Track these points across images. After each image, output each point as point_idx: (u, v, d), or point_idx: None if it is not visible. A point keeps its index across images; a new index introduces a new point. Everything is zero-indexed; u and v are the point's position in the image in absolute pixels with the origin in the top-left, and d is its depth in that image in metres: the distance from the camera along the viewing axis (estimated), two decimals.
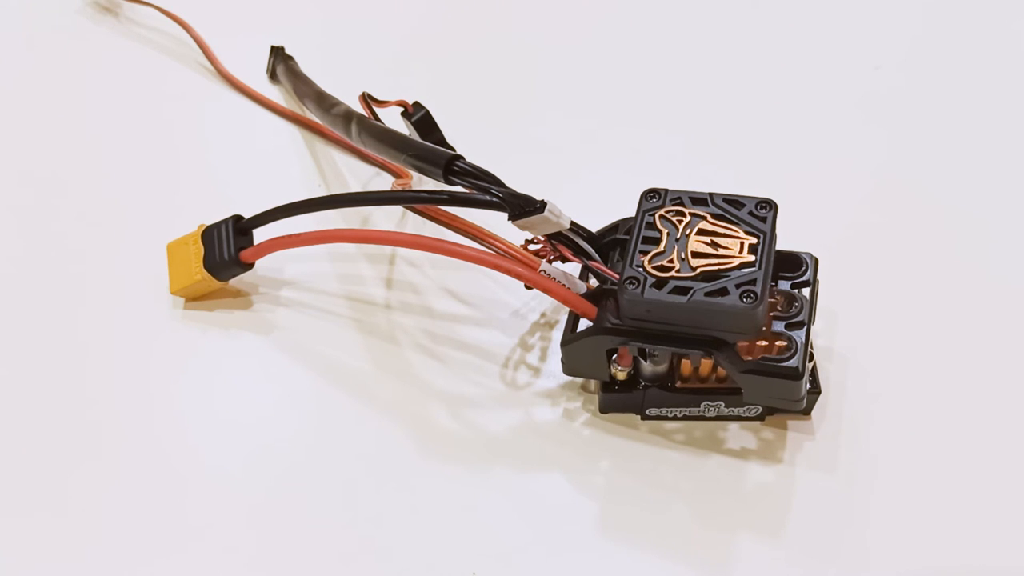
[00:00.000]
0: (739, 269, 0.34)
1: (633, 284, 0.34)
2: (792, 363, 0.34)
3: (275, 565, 0.35)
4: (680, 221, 0.36)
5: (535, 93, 0.54)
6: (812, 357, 0.37)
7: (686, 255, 0.35)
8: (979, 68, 0.54)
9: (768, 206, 0.36)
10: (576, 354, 0.37)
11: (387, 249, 0.45)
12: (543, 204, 0.36)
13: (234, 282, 0.43)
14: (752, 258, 0.34)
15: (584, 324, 0.37)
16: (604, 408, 0.38)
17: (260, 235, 0.42)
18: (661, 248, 0.35)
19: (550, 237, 0.38)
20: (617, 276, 0.36)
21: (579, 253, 0.38)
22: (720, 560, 0.34)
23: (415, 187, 0.44)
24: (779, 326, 0.35)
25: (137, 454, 0.38)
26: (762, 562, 0.34)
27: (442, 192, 0.39)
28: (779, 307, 0.36)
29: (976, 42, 0.55)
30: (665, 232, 0.36)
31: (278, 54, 0.54)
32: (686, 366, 0.37)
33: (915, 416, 0.38)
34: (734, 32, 0.57)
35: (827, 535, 0.35)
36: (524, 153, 0.49)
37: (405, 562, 0.35)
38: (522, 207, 0.36)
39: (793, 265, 0.38)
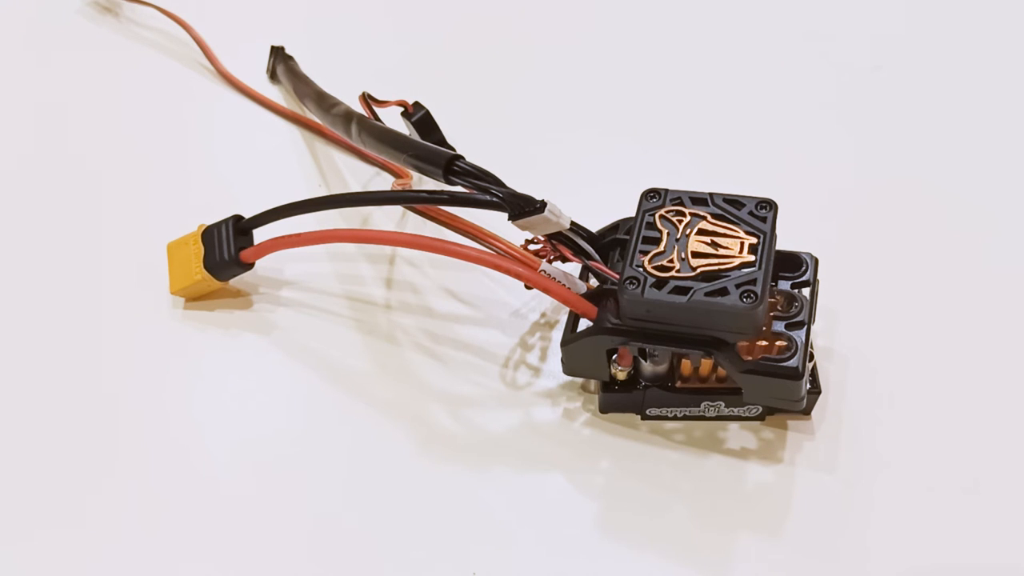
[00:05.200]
0: (739, 269, 0.34)
1: (633, 284, 0.34)
2: (792, 363, 0.34)
3: (275, 564, 0.35)
4: (680, 221, 0.36)
5: (535, 92, 0.54)
6: (812, 357, 0.37)
7: (686, 255, 0.35)
8: (979, 68, 0.54)
9: (768, 206, 0.36)
10: (576, 354, 0.37)
11: (387, 249, 0.45)
12: (543, 204, 0.36)
13: (234, 282, 0.43)
14: (752, 258, 0.35)
15: (584, 324, 0.37)
16: (604, 408, 0.38)
17: (260, 235, 0.42)
18: (661, 248, 0.35)
19: (550, 237, 0.38)
20: (617, 276, 0.36)
21: (579, 253, 0.38)
22: (720, 560, 0.34)
23: (415, 187, 0.44)
24: (779, 326, 0.35)
25: (136, 454, 0.38)
26: (762, 562, 0.34)
27: (442, 192, 0.39)
28: (779, 307, 0.36)
29: (976, 42, 0.55)
30: (665, 232, 0.36)
31: (278, 54, 0.54)
32: (686, 366, 0.37)
33: (916, 416, 0.38)
34: (734, 32, 0.57)
35: (827, 535, 0.35)
36: (524, 153, 0.49)
37: (405, 562, 0.35)
38: (522, 207, 0.36)
39: (793, 265, 0.38)
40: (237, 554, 0.35)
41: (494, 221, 0.38)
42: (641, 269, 0.34)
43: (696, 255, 0.35)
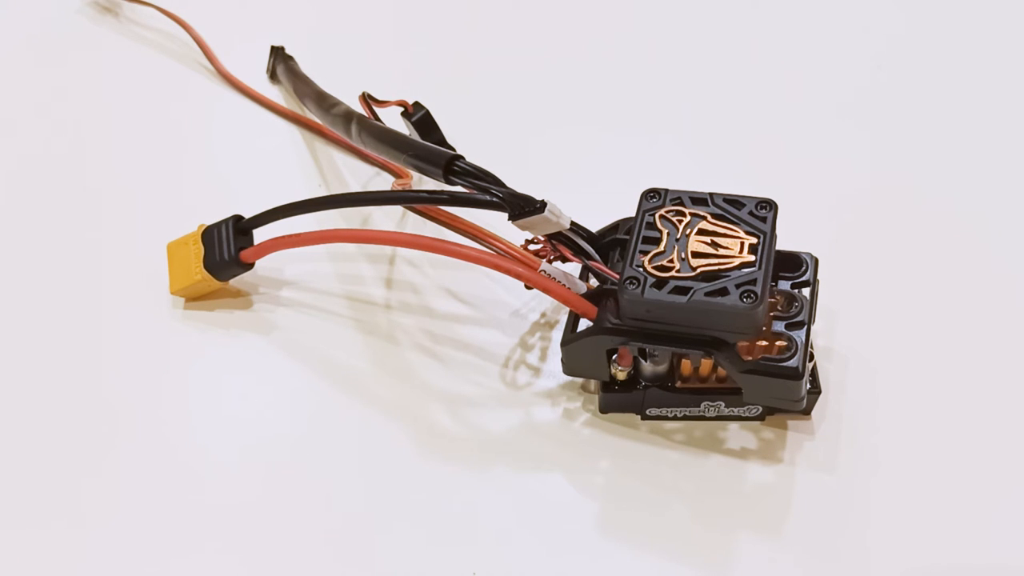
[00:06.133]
0: (739, 269, 0.34)
1: (633, 284, 0.34)
2: (792, 363, 0.34)
3: (274, 564, 0.35)
4: (680, 221, 0.36)
5: (535, 92, 0.54)
6: (812, 357, 0.37)
7: (686, 255, 0.35)
8: (980, 68, 0.54)
9: (768, 206, 0.36)
10: (576, 354, 0.37)
11: (387, 249, 0.45)
12: (543, 204, 0.36)
13: (234, 282, 0.43)
14: (752, 258, 0.34)
15: (584, 324, 0.37)
16: (604, 408, 0.38)
17: (260, 235, 0.42)
18: (661, 248, 0.35)
19: (550, 237, 0.38)
20: (617, 276, 0.36)
21: (579, 253, 0.38)
22: (720, 560, 0.34)
23: (415, 187, 0.44)
24: (779, 326, 0.35)
25: (137, 454, 0.38)
26: (762, 562, 0.34)
27: (442, 192, 0.39)
28: (779, 307, 0.36)
29: (977, 42, 0.55)
30: (665, 232, 0.36)
31: (278, 54, 0.54)
32: (686, 366, 0.37)
33: (915, 415, 0.38)
34: (734, 32, 0.57)
35: (827, 535, 0.35)
36: (524, 153, 0.49)
37: (405, 562, 0.35)
38: (522, 207, 0.36)
39: (793, 265, 0.38)
40: (237, 554, 0.35)
41: (494, 221, 0.38)
42: (641, 269, 0.34)
43: (696, 255, 0.35)
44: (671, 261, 0.35)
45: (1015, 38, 0.55)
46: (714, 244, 0.35)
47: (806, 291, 0.37)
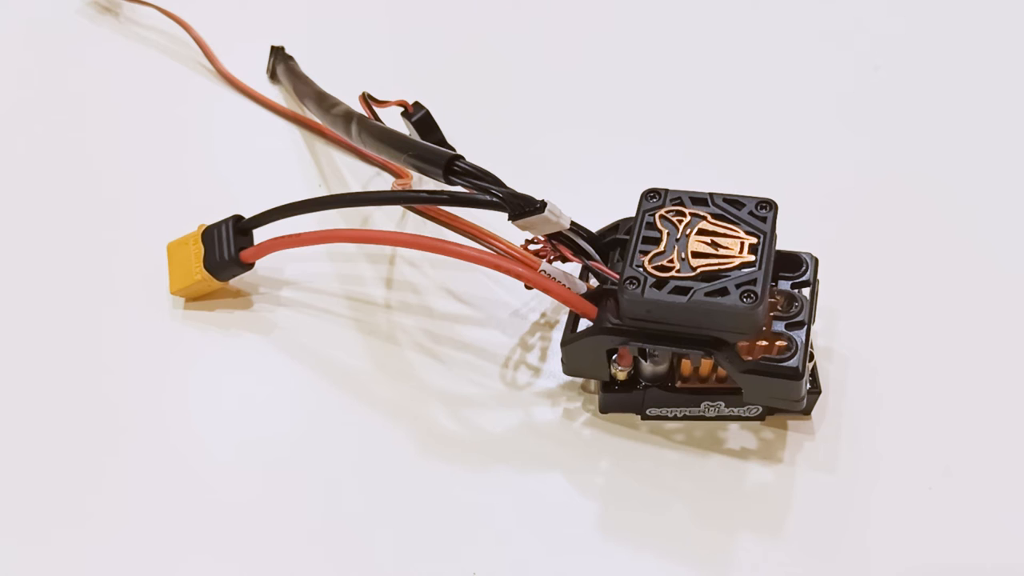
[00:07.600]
0: (739, 269, 0.34)
1: (633, 284, 0.34)
2: (792, 363, 0.34)
3: (274, 564, 0.35)
4: (680, 221, 0.36)
5: (536, 92, 0.54)
6: (812, 357, 0.37)
7: (686, 255, 0.35)
8: (979, 67, 0.54)
9: (768, 206, 0.36)
10: (576, 354, 0.37)
11: (387, 249, 0.45)
12: (543, 204, 0.36)
13: (234, 282, 0.43)
14: (752, 258, 0.35)
15: (584, 324, 0.37)
16: (604, 408, 0.38)
17: (260, 235, 0.42)
18: (661, 248, 0.35)
19: (550, 237, 0.38)
20: (617, 276, 0.36)
21: (579, 253, 0.38)
22: (720, 560, 0.34)
23: (415, 187, 0.44)
24: (779, 326, 0.35)
25: (136, 454, 0.38)
26: (762, 562, 0.34)
27: (442, 192, 0.39)
28: (779, 307, 0.36)
29: (976, 42, 0.55)
30: (665, 232, 0.36)
31: (278, 54, 0.54)
32: (686, 366, 0.37)
33: (915, 415, 0.38)
34: (733, 33, 0.57)
35: (827, 535, 0.35)
36: (524, 153, 0.49)
37: (405, 562, 0.35)
38: (522, 207, 0.36)
39: (793, 265, 0.38)
40: (237, 554, 0.35)
41: (494, 221, 0.38)
42: (641, 269, 0.34)
43: (696, 255, 0.35)
44: (671, 261, 0.35)
45: (1014, 38, 0.55)
46: (714, 244, 0.35)
47: (806, 291, 0.37)
